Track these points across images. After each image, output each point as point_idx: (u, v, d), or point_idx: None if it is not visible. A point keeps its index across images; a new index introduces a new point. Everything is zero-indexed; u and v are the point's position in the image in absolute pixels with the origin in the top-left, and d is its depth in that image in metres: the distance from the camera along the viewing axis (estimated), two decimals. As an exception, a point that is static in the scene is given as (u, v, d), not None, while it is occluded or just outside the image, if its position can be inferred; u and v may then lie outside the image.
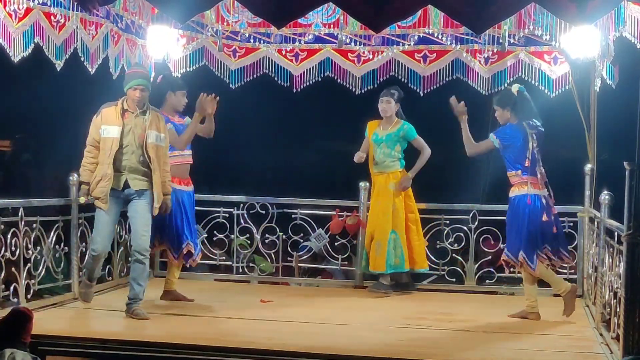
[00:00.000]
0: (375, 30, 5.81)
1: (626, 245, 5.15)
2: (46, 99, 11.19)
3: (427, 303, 7.47)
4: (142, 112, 6.45)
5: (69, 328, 5.99)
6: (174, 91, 7.10)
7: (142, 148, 6.38)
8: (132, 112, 6.42)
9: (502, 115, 6.67)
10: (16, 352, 4.84)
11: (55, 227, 6.98)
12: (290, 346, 5.60)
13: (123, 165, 6.40)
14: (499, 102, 6.71)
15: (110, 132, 6.37)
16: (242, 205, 8.39)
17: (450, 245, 8.08)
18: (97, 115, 6.44)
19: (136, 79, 6.42)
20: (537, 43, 7.80)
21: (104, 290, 7.51)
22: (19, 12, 6.01)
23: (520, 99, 6.61)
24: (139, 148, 6.39)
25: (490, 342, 6.00)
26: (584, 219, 7.65)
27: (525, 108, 6.60)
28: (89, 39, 6.75)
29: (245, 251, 8.50)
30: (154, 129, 6.44)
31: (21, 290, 6.44)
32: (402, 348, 5.70)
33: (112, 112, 6.41)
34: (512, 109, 6.60)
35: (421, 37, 8.02)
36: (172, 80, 7.40)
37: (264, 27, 8.22)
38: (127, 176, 6.41)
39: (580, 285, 7.70)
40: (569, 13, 5.02)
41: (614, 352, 5.44)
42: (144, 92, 6.43)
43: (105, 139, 6.38)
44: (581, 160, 7.69)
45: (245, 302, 7.32)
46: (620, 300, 5.26)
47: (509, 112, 6.61)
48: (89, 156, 6.48)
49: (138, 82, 6.41)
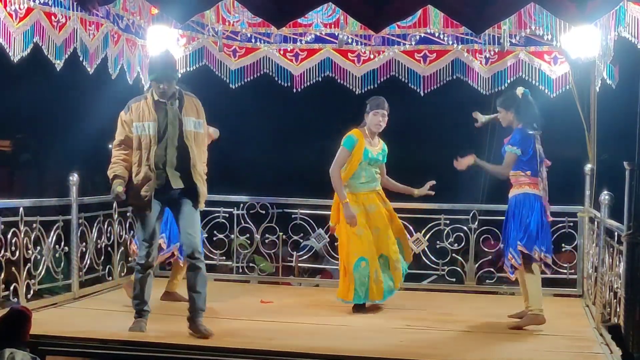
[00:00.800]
0: (375, 30, 5.81)
1: (626, 245, 5.16)
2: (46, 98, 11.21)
3: (427, 303, 7.46)
4: (174, 100, 5.86)
5: (69, 328, 5.98)
6: None
7: (181, 139, 5.82)
8: (164, 103, 5.84)
9: (505, 117, 6.62)
10: (16, 352, 4.85)
11: (55, 227, 6.99)
12: (290, 346, 5.60)
13: (163, 162, 5.82)
14: (503, 103, 6.64)
15: (145, 128, 5.80)
16: (242, 205, 8.39)
17: (450, 245, 8.07)
18: (126, 112, 5.88)
19: (156, 73, 5.82)
20: (537, 43, 7.80)
21: (103, 291, 7.51)
22: (20, 12, 6.02)
23: (525, 102, 6.58)
24: (178, 140, 5.82)
25: (490, 342, 6.00)
26: (584, 219, 7.64)
27: (528, 111, 6.58)
28: (88, 38, 6.75)
29: (245, 251, 8.50)
30: (192, 115, 5.88)
31: (21, 290, 6.44)
32: (402, 348, 5.70)
33: (143, 107, 5.84)
34: (516, 111, 6.56)
35: (421, 37, 8.02)
36: None
37: (264, 27, 8.22)
38: (168, 174, 5.85)
39: (580, 285, 7.72)
40: (569, 13, 5.02)
41: (614, 352, 5.43)
42: (169, 83, 5.80)
43: (140, 137, 5.81)
44: (581, 160, 7.69)
45: (245, 302, 7.32)
46: (620, 300, 5.26)
47: (513, 114, 6.57)
48: (122, 154, 5.92)
49: (156, 76, 5.81)
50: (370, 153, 6.94)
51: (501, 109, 6.66)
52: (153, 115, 5.80)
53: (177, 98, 5.87)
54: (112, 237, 7.71)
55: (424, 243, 8.07)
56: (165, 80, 5.78)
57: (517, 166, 6.52)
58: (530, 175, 6.46)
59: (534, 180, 6.48)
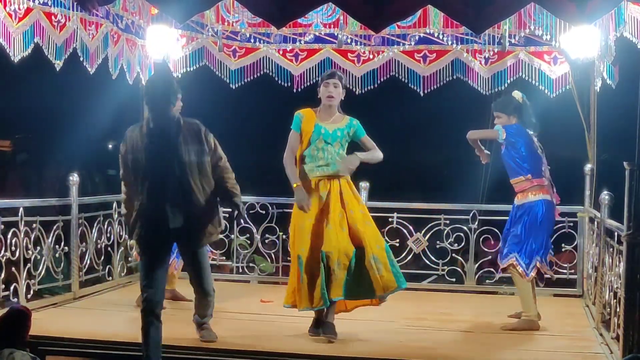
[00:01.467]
0: (375, 31, 5.80)
1: (626, 245, 5.16)
2: (46, 98, 11.21)
3: (427, 303, 7.46)
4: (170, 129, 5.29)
5: (69, 328, 5.99)
6: None
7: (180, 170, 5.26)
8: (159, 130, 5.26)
9: (504, 121, 6.55)
10: (15, 352, 4.84)
11: (55, 227, 6.99)
12: (290, 346, 5.60)
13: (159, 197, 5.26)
14: (504, 109, 6.55)
15: (139, 160, 5.25)
16: (242, 205, 8.38)
17: (450, 245, 8.07)
18: (123, 143, 5.31)
19: (148, 97, 5.32)
20: (537, 43, 7.80)
21: (103, 291, 7.51)
22: (19, 12, 6.02)
23: (525, 105, 6.56)
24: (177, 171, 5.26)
25: (490, 342, 6.00)
26: (584, 219, 7.65)
27: (526, 115, 6.55)
28: (88, 38, 6.75)
29: (245, 251, 8.50)
30: (192, 145, 5.29)
31: (21, 290, 6.44)
32: (402, 348, 5.70)
33: (136, 137, 5.29)
34: (519, 116, 6.51)
35: (421, 37, 8.02)
36: None
37: (264, 27, 8.22)
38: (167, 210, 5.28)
39: (580, 285, 7.72)
40: (569, 13, 5.02)
41: (614, 352, 5.44)
42: (163, 112, 5.24)
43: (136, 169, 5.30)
44: (581, 160, 7.69)
45: (245, 302, 7.32)
46: (620, 300, 5.26)
47: (516, 119, 6.52)
48: (125, 189, 5.40)
49: (147, 102, 5.34)
50: (323, 129, 6.09)
51: (502, 114, 6.56)
52: (146, 145, 5.20)
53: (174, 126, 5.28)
54: (112, 237, 7.72)
55: (424, 243, 8.08)
56: (159, 110, 5.25)
57: (515, 171, 6.46)
58: (532, 178, 6.42)
59: (540, 182, 6.42)
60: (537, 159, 6.47)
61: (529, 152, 6.44)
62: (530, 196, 6.42)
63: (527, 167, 6.42)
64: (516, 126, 6.48)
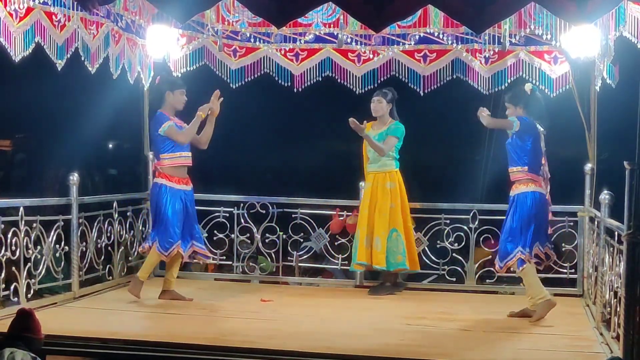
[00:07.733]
0: (375, 30, 5.80)
1: (626, 245, 5.15)
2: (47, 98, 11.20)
3: (427, 303, 7.46)
4: None
5: (69, 328, 5.99)
6: (172, 90, 7.12)
7: None
8: None
9: (513, 113, 6.65)
10: (16, 352, 4.85)
11: (55, 226, 6.99)
12: (290, 346, 5.60)
13: None
14: (512, 99, 6.69)
15: None
16: (242, 205, 8.39)
17: (450, 245, 8.07)
18: None
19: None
20: (537, 42, 7.80)
21: (103, 290, 7.52)
22: (20, 12, 6.01)
23: (534, 98, 6.63)
24: None
25: (490, 342, 6.00)
26: (584, 218, 7.64)
27: (536, 108, 6.61)
28: (89, 38, 6.75)
29: (246, 251, 8.48)
30: None
31: (21, 290, 6.44)
32: (402, 348, 5.70)
33: None
34: (525, 107, 6.60)
35: (421, 37, 8.02)
36: (170, 80, 7.40)
37: (264, 27, 8.21)
38: None
39: (580, 284, 7.72)
40: (569, 12, 5.01)
41: (614, 351, 5.44)
42: None
43: None
44: (581, 160, 7.68)
45: (245, 301, 7.32)
46: (620, 300, 5.26)
47: (522, 110, 6.60)
48: None
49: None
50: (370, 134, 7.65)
51: (509, 105, 6.69)
52: None
53: None
54: (112, 236, 7.72)
55: (424, 243, 8.08)
56: None
57: (514, 161, 6.55)
58: (528, 172, 6.50)
59: (535, 177, 6.52)
60: (539, 157, 6.56)
61: (534, 149, 6.56)
62: (522, 187, 6.57)
63: (527, 161, 6.54)
64: (530, 121, 6.56)
